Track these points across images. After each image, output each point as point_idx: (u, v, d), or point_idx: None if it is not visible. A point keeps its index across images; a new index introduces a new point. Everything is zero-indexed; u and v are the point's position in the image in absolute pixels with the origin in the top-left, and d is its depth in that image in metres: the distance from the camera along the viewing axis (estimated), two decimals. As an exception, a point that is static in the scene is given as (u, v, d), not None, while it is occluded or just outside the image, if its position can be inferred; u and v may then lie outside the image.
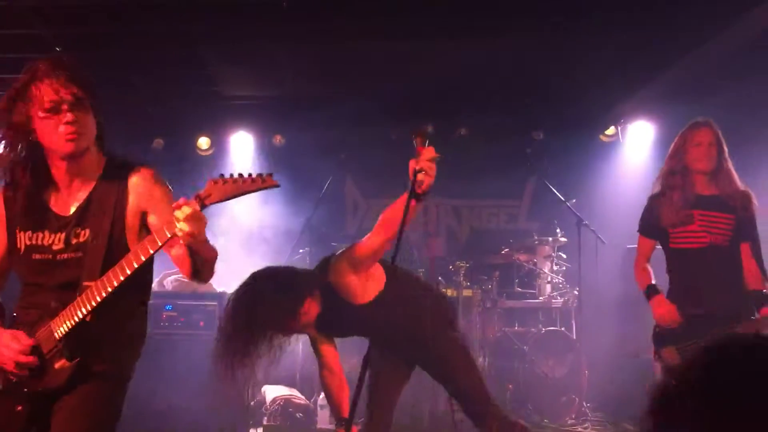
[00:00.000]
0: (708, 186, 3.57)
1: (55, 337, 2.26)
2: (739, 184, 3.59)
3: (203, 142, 7.19)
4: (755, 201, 3.57)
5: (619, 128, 7.15)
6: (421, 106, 6.90)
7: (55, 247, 2.31)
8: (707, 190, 3.57)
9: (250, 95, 6.98)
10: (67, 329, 2.24)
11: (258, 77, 6.41)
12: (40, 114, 2.20)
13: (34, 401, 2.28)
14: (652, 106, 6.70)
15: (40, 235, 2.33)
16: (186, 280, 5.34)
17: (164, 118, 6.92)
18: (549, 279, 6.29)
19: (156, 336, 4.90)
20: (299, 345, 6.18)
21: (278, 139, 7.23)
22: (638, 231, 3.81)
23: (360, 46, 5.63)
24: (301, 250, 6.24)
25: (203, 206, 2.14)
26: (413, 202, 2.67)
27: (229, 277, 6.02)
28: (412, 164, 2.69)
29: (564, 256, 6.35)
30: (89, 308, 2.21)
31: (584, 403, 5.68)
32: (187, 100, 6.75)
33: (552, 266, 6.31)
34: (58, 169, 2.32)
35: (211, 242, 2.30)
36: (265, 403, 5.53)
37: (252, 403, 5.43)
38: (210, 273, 2.37)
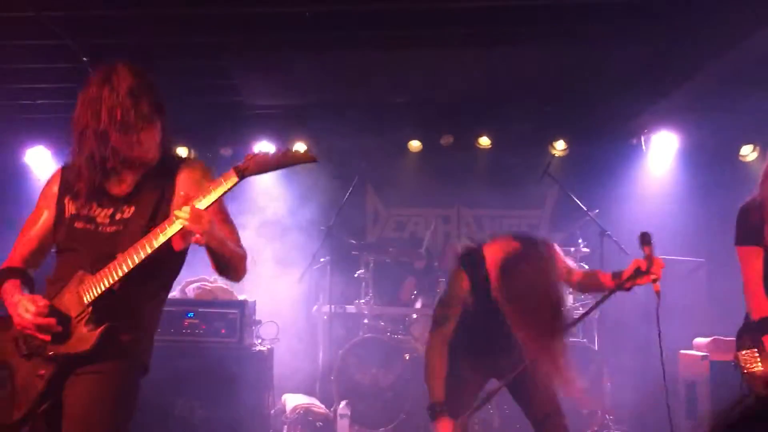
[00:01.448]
0: None
1: (84, 302, 2.32)
2: None
3: (226, 152, 7.23)
4: None
5: (642, 138, 7.09)
6: (443, 115, 6.91)
7: (99, 220, 2.41)
8: None
9: (273, 104, 7.04)
10: (95, 294, 2.31)
11: (281, 87, 6.46)
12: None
13: (59, 367, 2.31)
14: (676, 116, 6.64)
15: (89, 207, 2.43)
16: (209, 287, 5.41)
17: (188, 127, 7.00)
18: (571, 290, 6.23)
19: (178, 343, 4.93)
20: (319, 353, 6.19)
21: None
22: (737, 243, 3.28)
23: (381, 55, 5.66)
24: (321, 259, 6.26)
25: (242, 176, 2.25)
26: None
27: (248, 285, 6.09)
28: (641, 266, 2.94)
29: (586, 266, 6.30)
30: (117, 276, 2.29)
31: (606, 416, 5.62)
32: (210, 110, 6.81)
33: (574, 277, 6.25)
34: (123, 163, 2.40)
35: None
36: (285, 411, 5.54)
37: (272, 411, 5.45)
38: (236, 273, 2.45)
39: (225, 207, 2.55)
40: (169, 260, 2.43)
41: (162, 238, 2.27)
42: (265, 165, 2.26)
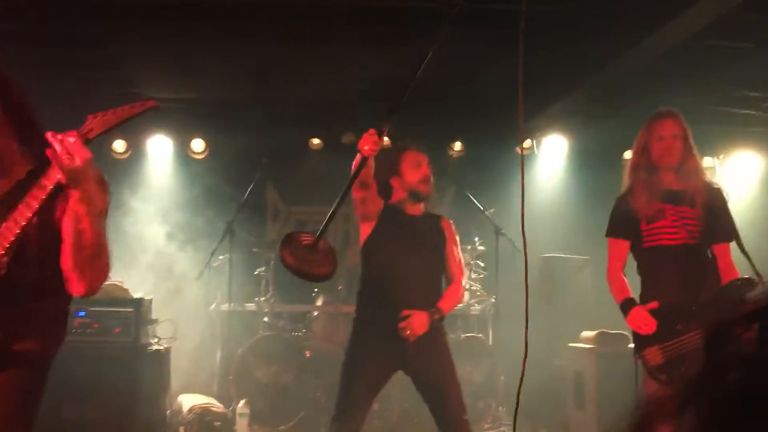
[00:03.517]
0: (676, 180, 3.32)
1: None
2: (707, 177, 3.38)
3: (119, 145, 6.99)
4: (727, 196, 3.36)
5: (534, 141, 7.39)
6: (342, 113, 6.94)
7: None
8: (676, 184, 3.32)
9: (169, 98, 6.85)
10: None
11: (177, 79, 6.31)
12: None
13: None
14: (564, 121, 6.96)
15: None
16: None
17: (78, 119, 6.71)
18: (468, 287, 6.42)
19: (67, 343, 4.72)
20: (218, 352, 6.10)
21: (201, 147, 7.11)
22: (607, 235, 3.50)
23: (281, 49, 5.63)
24: (221, 257, 6.16)
25: (87, 140, 2.13)
26: None
27: (144, 283, 5.92)
28: None
29: (482, 264, 6.51)
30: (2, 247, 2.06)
31: (500, 408, 5.83)
32: (102, 102, 6.56)
33: (470, 274, 6.45)
34: None
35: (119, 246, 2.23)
36: (181, 412, 5.42)
37: (168, 412, 5.32)
38: (96, 264, 2.13)
39: (105, 191, 2.29)
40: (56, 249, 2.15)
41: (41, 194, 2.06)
42: (106, 124, 2.19)
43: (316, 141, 7.23)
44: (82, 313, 4.85)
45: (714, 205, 3.31)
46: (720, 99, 6.53)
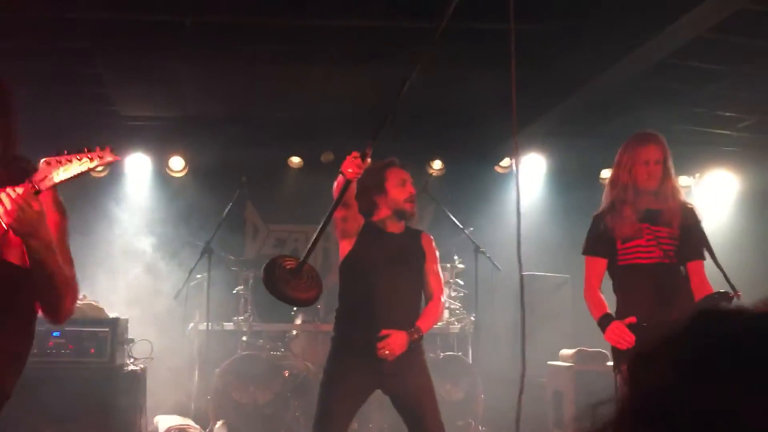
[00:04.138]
0: (653, 200, 3.42)
1: None
2: (683, 198, 3.47)
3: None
4: (700, 215, 3.46)
5: (513, 160, 7.44)
6: (322, 132, 6.94)
7: None
8: (653, 204, 3.42)
9: (148, 115, 6.83)
10: None
11: (156, 97, 6.28)
12: None
13: None
14: (542, 139, 7.03)
15: None
16: (77, 304, 5.13)
17: (55, 135, 6.65)
18: (447, 305, 6.42)
19: (42, 365, 4.64)
20: (195, 372, 6.02)
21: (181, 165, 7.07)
22: (584, 253, 3.57)
23: (261, 68, 5.63)
24: (199, 276, 6.10)
25: (38, 191, 1.95)
26: None
27: (121, 302, 5.84)
28: None
29: (461, 282, 6.51)
30: None
31: (480, 427, 5.81)
32: (81, 119, 6.51)
33: (450, 292, 6.45)
34: None
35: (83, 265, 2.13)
36: (157, 433, 5.34)
37: (144, 434, 5.23)
38: (59, 304, 2.07)
39: (63, 213, 2.19)
40: (24, 279, 2.08)
41: None
42: (64, 174, 1.98)
43: (295, 159, 7.22)
44: (56, 334, 4.77)
45: (688, 224, 3.39)
46: (696, 119, 6.64)
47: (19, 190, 1.94)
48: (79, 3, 4.53)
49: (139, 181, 7.08)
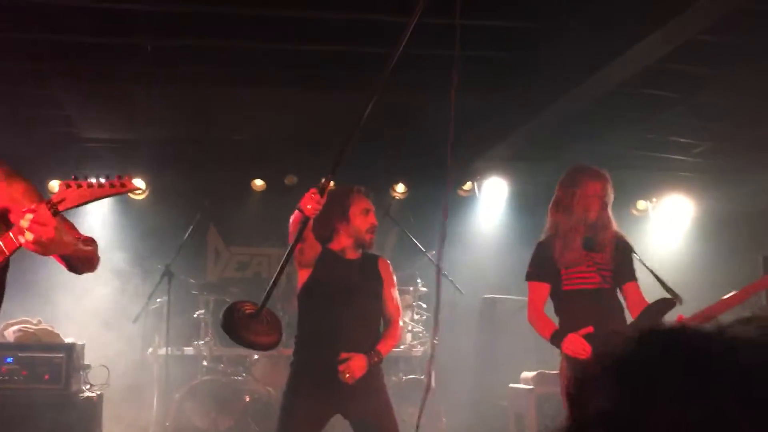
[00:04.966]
0: (591, 230, 3.64)
1: None
2: (615, 226, 3.70)
3: (54, 185, 6.82)
4: (629, 242, 3.73)
5: (475, 184, 7.52)
6: (285, 155, 6.95)
7: None
8: (591, 233, 3.64)
9: (109, 138, 6.75)
10: None
11: (117, 119, 6.23)
12: None
13: None
14: (504, 164, 7.12)
15: None
16: (31, 329, 5.03)
17: (13, 158, 6.54)
18: (410, 328, 6.42)
19: (-7, 391, 4.53)
20: (154, 398, 5.91)
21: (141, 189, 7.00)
22: (528, 279, 3.76)
23: (223, 91, 5.63)
24: (159, 299, 6.02)
25: (56, 212, 2.04)
26: None
27: (78, 327, 5.73)
28: None
29: (424, 305, 6.53)
30: None
31: (442, 451, 5.80)
32: (40, 141, 6.42)
33: (413, 315, 6.46)
34: None
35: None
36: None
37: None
38: (87, 268, 2.39)
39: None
40: None
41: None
42: (80, 198, 2.11)
43: (258, 182, 7.20)
44: (9, 360, 4.66)
45: (621, 250, 3.67)
46: (651, 145, 6.80)
47: (41, 210, 2.04)
48: (39, 25, 4.49)
49: (99, 204, 6.95)
